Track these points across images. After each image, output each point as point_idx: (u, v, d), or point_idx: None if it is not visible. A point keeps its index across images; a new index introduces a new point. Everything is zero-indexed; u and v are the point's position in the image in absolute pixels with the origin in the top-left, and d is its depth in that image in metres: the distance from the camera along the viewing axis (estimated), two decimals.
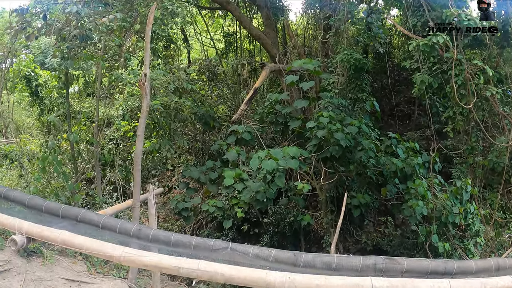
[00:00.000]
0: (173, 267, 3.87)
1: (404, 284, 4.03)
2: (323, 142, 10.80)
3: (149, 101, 8.39)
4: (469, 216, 11.86)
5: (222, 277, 3.72)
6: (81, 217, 5.27)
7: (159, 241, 4.87)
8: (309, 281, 3.71)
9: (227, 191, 11.08)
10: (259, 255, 4.51)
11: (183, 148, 17.10)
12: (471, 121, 12.91)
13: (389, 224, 13.75)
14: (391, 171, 11.78)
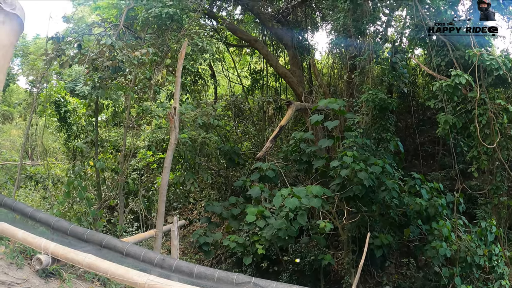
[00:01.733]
0: None
1: None
2: (347, 181, 10.81)
3: (177, 134, 8.59)
4: (494, 258, 11.66)
5: None
6: (105, 243, 5.37)
7: (182, 272, 4.91)
8: None
9: (248, 227, 11.09)
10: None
11: (206, 183, 17.20)
12: (496, 160, 12.81)
13: (411, 266, 13.54)
14: (415, 211, 11.70)
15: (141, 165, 18.62)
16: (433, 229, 11.60)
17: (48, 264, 4.97)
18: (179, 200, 17.75)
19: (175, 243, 7.65)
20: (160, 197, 8.66)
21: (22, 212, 6.25)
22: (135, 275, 4.41)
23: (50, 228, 5.74)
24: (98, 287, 9.20)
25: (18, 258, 7.99)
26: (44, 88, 17.64)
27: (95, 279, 9.41)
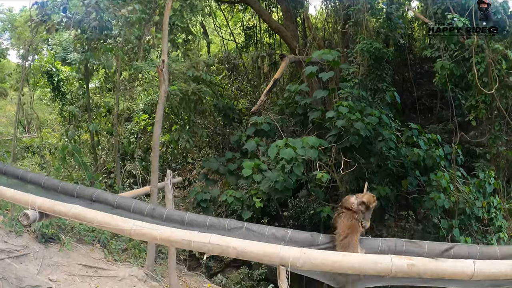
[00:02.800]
0: (184, 241, 3.81)
1: (426, 263, 3.91)
2: (343, 132, 10.66)
3: (167, 87, 8.39)
4: (492, 210, 11.62)
5: (234, 251, 3.62)
6: (96, 197, 5.24)
7: (173, 220, 4.80)
8: (325, 256, 3.61)
9: (245, 182, 11.01)
10: (275, 235, 4.42)
11: (203, 141, 17.11)
12: (494, 109, 12.63)
13: (410, 219, 13.54)
14: (412, 162, 11.60)
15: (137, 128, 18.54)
16: (431, 180, 11.52)
17: (35, 219, 4.86)
18: (177, 160, 17.63)
19: (169, 196, 7.55)
20: (153, 152, 8.55)
21: (13, 175, 6.13)
22: (121, 221, 4.30)
23: (41, 187, 5.61)
24: (98, 248, 9.25)
25: (16, 226, 8.02)
26: (35, 59, 17.42)
27: (95, 241, 9.46)
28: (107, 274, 8.15)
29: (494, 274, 4.08)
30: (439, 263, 3.96)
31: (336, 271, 3.65)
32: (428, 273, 3.91)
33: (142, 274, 8.57)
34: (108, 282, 7.84)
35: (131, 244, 10.16)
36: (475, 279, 4.09)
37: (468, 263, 4.04)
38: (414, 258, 3.93)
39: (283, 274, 3.61)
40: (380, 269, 3.72)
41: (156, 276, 9.00)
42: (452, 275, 3.99)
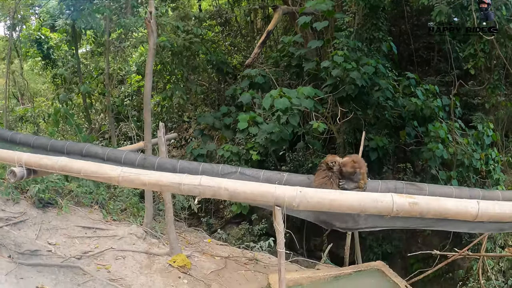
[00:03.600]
0: (173, 184, 3.65)
1: (428, 202, 3.76)
2: (339, 82, 10.46)
3: (156, 39, 8.09)
4: (491, 162, 11.56)
5: (226, 192, 3.46)
6: (86, 151, 5.17)
7: (165, 169, 4.68)
8: (322, 195, 3.45)
9: (241, 135, 10.85)
10: (271, 178, 4.28)
11: (198, 99, 16.85)
12: (493, 58, 12.39)
13: (408, 171, 13.43)
14: (410, 111, 11.42)
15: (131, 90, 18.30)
16: (429, 131, 11.40)
17: (23, 176, 4.72)
18: (173, 120, 17.43)
19: (163, 149, 7.35)
20: (145, 106, 8.32)
21: (2, 137, 5.98)
22: (109, 169, 4.14)
23: (30, 147, 5.46)
24: (97, 210, 9.17)
25: (13, 194, 7.93)
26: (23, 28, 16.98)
27: (93, 203, 9.38)
28: (106, 234, 8.09)
29: (498, 214, 3.96)
30: (442, 201, 3.82)
31: (334, 210, 3.49)
32: (431, 212, 3.77)
33: (141, 232, 8.52)
34: (107, 242, 7.78)
35: (130, 203, 10.10)
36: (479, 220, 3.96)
37: (472, 203, 3.90)
38: (416, 197, 3.79)
39: (279, 215, 3.46)
40: (381, 208, 3.58)
41: (156, 233, 8.96)
42: (456, 215, 3.85)
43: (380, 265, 8.22)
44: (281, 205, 3.42)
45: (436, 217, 3.93)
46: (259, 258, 8.94)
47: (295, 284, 7.50)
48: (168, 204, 7.77)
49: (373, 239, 12.54)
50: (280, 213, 3.45)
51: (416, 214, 3.74)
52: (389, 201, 3.56)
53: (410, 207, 3.64)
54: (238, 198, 3.53)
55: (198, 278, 7.49)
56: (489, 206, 3.93)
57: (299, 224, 12.74)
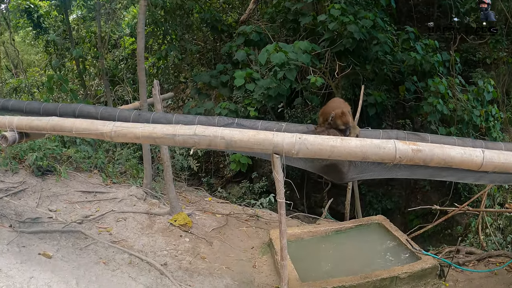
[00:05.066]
0: (167, 136, 3.54)
1: (432, 149, 3.66)
2: (336, 36, 10.25)
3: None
4: (490, 119, 11.48)
5: (223, 141, 3.36)
6: (79, 111, 5.03)
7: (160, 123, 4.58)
8: (322, 142, 3.34)
9: (238, 92, 10.71)
10: (269, 128, 4.17)
11: (194, 58, 16.57)
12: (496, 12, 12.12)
13: (407, 127, 13.34)
14: (409, 66, 11.25)
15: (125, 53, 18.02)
16: (429, 86, 11.25)
17: (15, 140, 4.63)
18: (169, 81, 17.19)
19: (159, 107, 7.23)
20: (138, 65, 8.15)
21: None
22: (101, 124, 4.03)
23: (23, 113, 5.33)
24: (96, 174, 9.15)
25: (12, 164, 7.88)
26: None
27: (92, 167, 9.34)
28: (107, 197, 8.10)
29: (503, 164, 3.86)
30: (446, 149, 3.72)
31: (335, 158, 3.40)
32: (435, 160, 3.67)
33: (141, 193, 8.53)
34: (108, 205, 7.79)
35: (129, 165, 10.08)
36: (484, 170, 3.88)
37: (477, 151, 3.80)
38: (419, 144, 3.68)
39: (278, 164, 3.37)
40: (383, 155, 3.48)
41: (156, 193, 8.98)
42: (461, 163, 3.76)
43: (381, 219, 8.26)
44: (280, 153, 3.32)
45: (439, 166, 3.85)
46: (260, 215, 8.99)
47: (297, 239, 7.57)
48: (166, 163, 7.72)
49: (373, 196, 12.61)
50: (279, 162, 3.36)
51: (420, 162, 3.65)
52: (392, 147, 3.46)
53: (413, 153, 3.54)
54: (235, 147, 3.42)
55: (200, 236, 7.55)
56: (494, 156, 3.84)
57: (299, 181, 12.77)
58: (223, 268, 6.76)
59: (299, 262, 6.62)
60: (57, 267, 5.25)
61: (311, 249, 7.33)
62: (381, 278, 6.15)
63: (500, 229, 11.01)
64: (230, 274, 6.62)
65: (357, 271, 6.39)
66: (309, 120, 12.25)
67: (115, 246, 6.42)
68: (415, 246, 7.18)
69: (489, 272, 7.16)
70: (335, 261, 6.94)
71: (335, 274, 6.44)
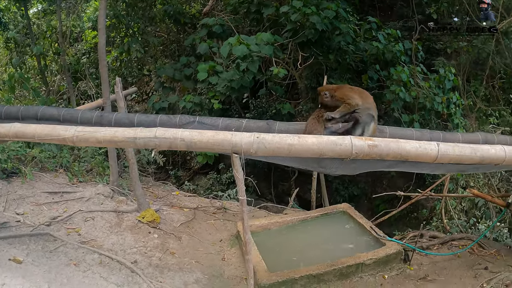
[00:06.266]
0: (128, 139, 3.55)
1: (388, 144, 3.79)
2: (299, 27, 10.30)
3: None
4: (452, 106, 11.76)
5: (183, 143, 3.39)
6: (41, 114, 5.03)
7: (122, 124, 4.60)
8: (280, 140, 3.41)
9: (202, 85, 10.68)
10: (229, 126, 4.23)
11: (158, 51, 16.40)
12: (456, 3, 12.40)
13: None
14: (372, 55, 11.41)
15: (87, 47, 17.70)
16: (391, 74, 11.44)
17: None
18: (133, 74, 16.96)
19: (122, 105, 7.17)
20: (100, 62, 8.06)
21: None
22: (62, 130, 3.99)
23: None
24: (62, 173, 9.03)
25: None
26: None
27: (57, 167, 9.21)
28: (74, 197, 7.99)
29: (458, 156, 4.04)
30: (401, 144, 3.85)
31: (293, 155, 3.47)
32: (391, 155, 3.81)
33: (109, 191, 8.47)
34: (75, 205, 7.70)
35: (94, 163, 9.96)
36: (439, 162, 4.04)
37: (432, 145, 3.96)
38: (375, 139, 3.81)
39: (237, 163, 3.42)
40: (340, 151, 3.58)
41: (123, 190, 8.93)
42: (416, 157, 3.91)
43: (346, 207, 8.45)
44: (239, 152, 3.38)
45: (396, 159, 3.99)
46: (227, 207, 9.06)
47: (264, 229, 7.69)
48: (131, 160, 7.69)
49: (339, 183, 12.79)
50: (239, 160, 3.42)
51: (376, 157, 3.78)
52: (348, 144, 3.57)
53: (369, 149, 3.66)
54: (195, 147, 3.46)
55: (168, 232, 7.57)
56: (449, 148, 4.01)
57: (267, 170, 12.86)
58: (192, 262, 6.81)
59: (267, 253, 6.74)
60: (28, 272, 5.21)
61: (278, 239, 7.46)
62: (347, 265, 6.34)
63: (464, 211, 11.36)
64: (199, 268, 6.68)
65: (323, 259, 6.56)
66: (274, 110, 12.31)
67: (85, 247, 6.39)
68: (380, 232, 7.39)
69: (453, 255, 7.37)
70: (302, 250, 7.08)
71: (302, 263, 6.59)
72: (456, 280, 6.58)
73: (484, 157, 4.22)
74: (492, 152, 4.25)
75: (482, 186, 11.62)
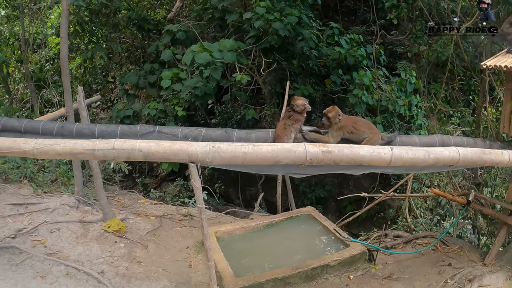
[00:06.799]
0: (87, 151, 3.56)
1: (341, 150, 3.90)
2: (262, 33, 10.41)
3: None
4: (413, 108, 12.07)
5: (140, 153, 3.43)
6: (2, 126, 4.97)
7: (84, 135, 4.62)
8: (235, 149, 3.49)
9: (166, 92, 10.66)
10: (189, 135, 4.31)
11: (122, 57, 16.25)
12: (416, 9, 12.73)
13: None
14: (334, 60, 11.61)
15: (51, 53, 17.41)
16: (354, 78, 11.67)
17: None
18: (97, 81, 16.76)
19: (84, 114, 7.10)
20: (62, 71, 7.96)
21: None
22: (23, 142, 3.96)
23: None
24: (27, 184, 8.89)
25: None
26: None
27: (22, 178, 9.06)
28: (39, 208, 7.85)
29: (411, 159, 4.20)
30: (355, 149, 3.98)
31: (248, 163, 3.55)
32: (345, 160, 3.93)
33: (74, 201, 8.34)
34: (40, 216, 7.57)
35: (59, 173, 9.83)
36: (394, 165, 4.18)
37: (386, 149, 4.11)
38: (329, 145, 3.91)
39: (194, 172, 3.49)
40: (294, 158, 3.68)
41: (88, 200, 8.80)
42: (370, 161, 4.05)
43: (310, 210, 8.58)
44: (195, 162, 3.44)
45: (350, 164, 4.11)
46: (193, 214, 9.05)
47: (230, 235, 7.75)
48: (95, 170, 7.62)
49: (306, 185, 12.90)
50: (195, 170, 3.48)
51: (330, 162, 3.89)
52: (302, 151, 3.67)
53: (323, 155, 3.77)
54: (153, 158, 3.50)
55: (135, 240, 7.53)
56: (402, 152, 4.16)
57: (234, 175, 12.89)
58: (159, 270, 6.79)
59: (233, 258, 6.81)
60: None
61: (244, 244, 7.52)
62: (312, 268, 6.46)
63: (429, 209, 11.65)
64: (166, 276, 6.67)
65: (289, 262, 6.67)
66: (239, 115, 12.38)
67: (51, 259, 6.33)
68: (344, 234, 7.55)
69: (417, 253, 7.60)
70: (268, 255, 7.17)
71: (268, 267, 6.68)
72: (420, 278, 6.78)
73: (438, 159, 4.39)
74: (446, 154, 4.43)
75: (446, 185, 11.97)
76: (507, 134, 6.69)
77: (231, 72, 11.48)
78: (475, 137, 11.84)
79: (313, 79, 12.49)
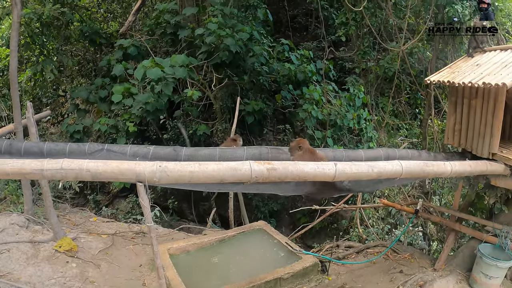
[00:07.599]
0: (36, 171, 3.51)
1: (286, 167, 4.01)
2: (213, 49, 10.53)
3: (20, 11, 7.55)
4: (362, 122, 12.44)
5: (88, 173, 3.43)
6: None
7: (33, 154, 4.55)
8: (181, 168, 3.55)
9: (117, 107, 10.56)
10: (137, 153, 4.33)
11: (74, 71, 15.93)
12: (364, 27, 13.17)
13: (288, 132, 13.99)
14: (284, 75, 11.86)
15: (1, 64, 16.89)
16: (304, 94, 11.95)
17: None
18: (47, 94, 16.34)
19: (33, 131, 6.97)
20: (11, 85, 7.79)
21: None
22: None
23: None
24: None
25: None
26: None
27: None
28: None
29: (355, 174, 4.34)
30: (300, 166, 4.10)
31: (195, 182, 3.62)
32: (290, 176, 4.04)
33: (23, 220, 8.11)
34: None
35: (8, 191, 9.50)
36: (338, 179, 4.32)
37: (330, 165, 4.24)
38: (274, 163, 4.01)
39: (142, 191, 3.52)
40: (240, 176, 3.77)
41: (38, 219, 8.55)
42: (314, 177, 4.17)
43: (262, 224, 8.69)
44: (143, 181, 3.48)
45: (295, 180, 4.23)
46: (146, 231, 8.96)
47: (183, 252, 7.72)
48: (44, 188, 7.48)
49: (259, 200, 13.01)
50: (143, 189, 3.52)
51: (275, 179, 3.99)
52: (247, 168, 3.77)
53: (268, 172, 3.88)
54: (101, 178, 3.50)
55: (87, 260, 7.42)
56: (346, 167, 4.31)
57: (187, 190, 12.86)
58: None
59: (187, 275, 6.79)
60: None
61: (197, 260, 7.53)
62: (265, 281, 6.53)
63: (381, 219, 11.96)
64: None
65: (242, 277, 6.73)
66: (191, 130, 12.42)
67: (1, 281, 6.18)
68: (295, 247, 7.69)
69: (369, 262, 7.83)
70: (222, 270, 7.21)
71: (222, 283, 6.69)
72: (373, 286, 6.99)
73: (381, 173, 4.55)
74: (389, 167, 4.60)
75: (396, 194, 12.34)
76: (451, 145, 7.01)
77: (183, 87, 11.53)
78: (422, 148, 12.38)
79: (264, 95, 12.69)
